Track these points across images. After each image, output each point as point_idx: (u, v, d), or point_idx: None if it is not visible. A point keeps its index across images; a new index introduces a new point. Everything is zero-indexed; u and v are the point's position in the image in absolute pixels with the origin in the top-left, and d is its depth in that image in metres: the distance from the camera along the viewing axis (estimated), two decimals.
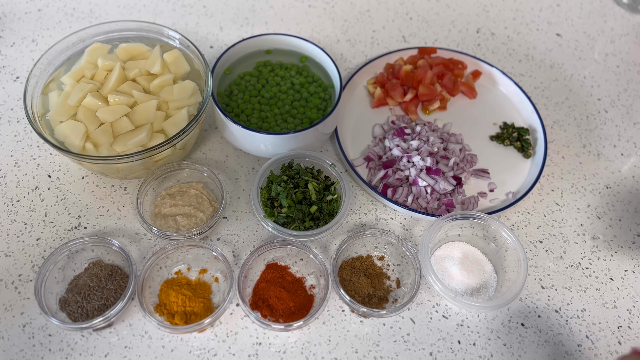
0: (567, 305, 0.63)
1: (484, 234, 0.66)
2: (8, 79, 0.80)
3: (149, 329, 0.59)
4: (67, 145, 0.62)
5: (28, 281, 0.61)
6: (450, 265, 0.64)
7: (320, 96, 0.73)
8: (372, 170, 0.72)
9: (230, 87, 0.74)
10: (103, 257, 0.63)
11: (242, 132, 0.66)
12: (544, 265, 0.66)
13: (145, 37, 0.72)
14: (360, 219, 0.69)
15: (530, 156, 0.75)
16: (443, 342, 0.60)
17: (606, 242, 0.69)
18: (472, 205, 0.70)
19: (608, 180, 0.75)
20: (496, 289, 0.63)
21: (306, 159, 0.69)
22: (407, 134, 0.73)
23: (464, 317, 0.62)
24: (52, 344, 0.58)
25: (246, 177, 0.71)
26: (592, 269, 0.66)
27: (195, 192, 0.67)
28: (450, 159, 0.70)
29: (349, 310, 0.61)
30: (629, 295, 0.65)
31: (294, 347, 0.59)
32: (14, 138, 0.73)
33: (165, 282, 0.61)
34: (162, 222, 0.64)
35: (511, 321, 0.62)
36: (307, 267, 0.64)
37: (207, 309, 0.59)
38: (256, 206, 0.63)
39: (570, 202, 0.72)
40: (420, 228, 0.68)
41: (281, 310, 0.59)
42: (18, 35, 0.85)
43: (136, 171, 0.66)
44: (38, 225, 0.66)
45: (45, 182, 0.69)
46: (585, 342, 0.61)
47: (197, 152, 0.73)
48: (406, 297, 0.61)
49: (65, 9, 0.90)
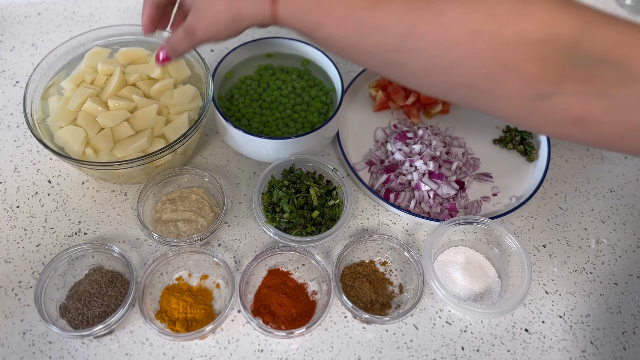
0: (572, 311, 0.63)
1: (487, 238, 0.66)
2: (8, 84, 0.79)
3: (150, 336, 0.59)
4: (67, 151, 0.62)
5: (28, 288, 0.61)
6: (453, 270, 0.63)
7: (321, 100, 0.73)
8: (374, 174, 0.71)
9: (231, 91, 0.73)
10: (103, 264, 0.63)
11: (243, 137, 0.66)
12: (547, 270, 0.66)
13: (145, 41, 0.72)
14: (363, 224, 0.68)
15: (534, 160, 0.75)
16: (446, 349, 0.59)
17: (610, 247, 0.68)
18: (475, 209, 0.69)
19: (612, 183, 0.74)
20: (500, 295, 0.62)
21: (308, 163, 0.68)
22: (409, 138, 0.72)
23: (468, 323, 0.61)
24: (52, 351, 0.57)
25: (247, 182, 0.71)
26: (597, 273, 0.66)
27: (196, 198, 0.66)
28: (452, 163, 0.70)
29: (351, 317, 0.61)
30: (634, 300, 0.64)
31: (296, 354, 0.58)
32: (13, 143, 0.73)
33: (166, 289, 0.61)
34: (163, 227, 0.64)
35: (515, 327, 0.61)
36: (309, 273, 0.63)
37: (209, 316, 0.59)
38: (257, 211, 0.63)
39: (574, 206, 0.72)
40: (423, 233, 0.68)
41: (283, 316, 0.59)
42: (18, 39, 0.85)
43: (136, 176, 0.66)
44: (38, 231, 0.65)
45: (45, 187, 0.69)
46: (590, 347, 0.60)
47: (198, 156, 0.73)
48: (409, 303, 0.61)
49: (65, 12, 0.89)
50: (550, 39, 0.37)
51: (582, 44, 0.37)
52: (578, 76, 0.38)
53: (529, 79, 0.39)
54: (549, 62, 0.38)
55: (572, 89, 0.38)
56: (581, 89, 0.38)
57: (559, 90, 0.39)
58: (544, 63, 0.38)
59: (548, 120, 0.41)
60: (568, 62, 0.38)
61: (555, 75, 0.38)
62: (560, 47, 0.38)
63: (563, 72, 0.38)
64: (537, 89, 0.39)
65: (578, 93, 0.38)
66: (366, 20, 0.42)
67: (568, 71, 0.38)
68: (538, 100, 0.40)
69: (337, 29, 0.43)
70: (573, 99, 0.39)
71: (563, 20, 0.37)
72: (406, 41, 0.41)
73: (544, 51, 0.38)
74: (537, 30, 0.37)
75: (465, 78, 0.41)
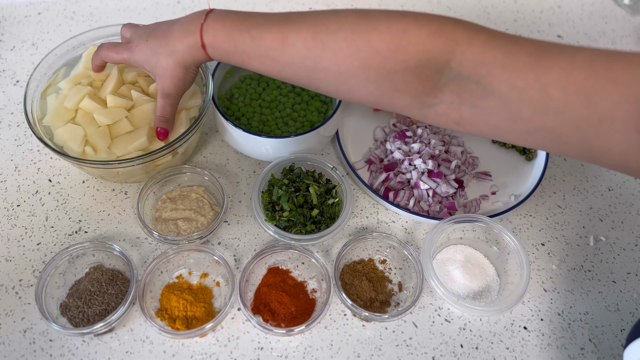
0: (570, 308, 0.63)
1: (486, 237, 0.66)
2: (8, 83, 0.79)
3: (150, 334, 0.59)
4: (66, 150, 0.62)
5: (29, 286, 0.61)
6: (452, 268, 0.64)
7: (321, 99, 0.73)
8: (373, 173, 0.72)
9: (231, 91, 0.74)
10: (104, 262, 0.63)
11: (243, 136, 0.66)
12: (546, 268, 0.66)
13: None
14: (362, 223, 0.68)
15: (532, 158, 0.75)
16: (446, 346, 0.60)
17: (608, 245, 0.69)
18: (474, 208, 0.69)
19: (610, 182, 0.75)
20: (499, 292, 0.62)
21: (307, 162, 0.68)
22: (408, 137, 0.73)
23: (467, 321, 0.61)
24: (53, 349, 0.57)
25: (247, 181, 0.71)
26: (595, 271, 0.66)
27: (196, 196, 0.66)
28: (451, 162, 0.70)
29: (350, 315, 0.61)
30: (632, 298, 0.64)
31: (295, 351, 0.58)
32: (14, 142, 0.73)
33: (167, 287, 0.61)
34: (163, 226, 0.64)
35: (514, 324, 0.61)
36: (309, 271, 0.64)
37: (209, 314, 0.59)
38: (257, 210, 0.63)
39: (572, 205, 0.72)
40: (422, 231, 0.68)
41: (283, 314, 0.59)
42: (18, 38, 0.85)
43: (136, 175, 0.66)
44: (39, 229, 0.65)
45: (46, 186, 0.69)
46: (588, 345, 0.61)
47: (198, 155, 0.73)
48: (408, 301, 0.61)
49: (65, 12, 0.89)
50: (425, 63, 0.46)
51: (451, 63, 0.45)
52: (452, 89, 0.47)
53: (415, 95, 0.48)
54: (428, 80, 0.47)
55: (449, 99, 0.48)
56: (454, 99, 0.47)
57: (440, 101, 0.48)
58: (424, 82, 0.47)
59: (436, 121, 0.50)
60: (443, 78, 0.46)
61: (435, 89, 0.47)
62: (434, 68, 0.46)
63: (440, 87, 0.47)
64: (422, 101, 0.49)
65: (452, 102, 0.48)
66: (279, 59, 0.50)
67: (443, 85, 0.47)
68: (425, 108, 0.49)
69: (259, 65, 0.52)
70: (450, 107, 0.48)
71: (434, 44, 0.45)
72: (313, 74, 0.50)
73: (423, 73, 0.46)
74: (414, 57, 0.45)
75: (366, 97, 0.51)
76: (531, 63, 0.42)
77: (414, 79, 0.47)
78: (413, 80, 0.47)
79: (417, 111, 0.50)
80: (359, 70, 0.47)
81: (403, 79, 0.47)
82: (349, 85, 0.49)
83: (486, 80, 0.44)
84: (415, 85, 0.47)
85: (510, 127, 0.46)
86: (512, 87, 0.43)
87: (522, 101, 0.43)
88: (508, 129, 0.46)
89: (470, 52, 0.44)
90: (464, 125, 0.49)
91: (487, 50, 0.44)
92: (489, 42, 0.44)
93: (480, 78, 0.44)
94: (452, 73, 0.46)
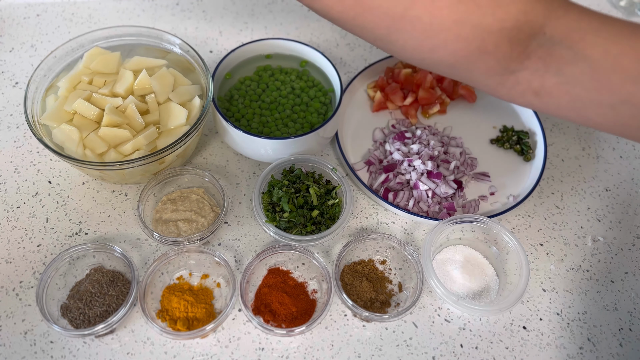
0: (569, 308, 0.64)
1: (485, 237, 0.67)
2: (7, 85, 0.79)
3: (151, 335, 0.59)
4: (65, 151, 0.62)
5: (29, 288, 0.61)
6: (452, 268, 0.64)
7: (320, 100, 0.73)
8: (373, 174, 0.72)
9: (231, 92, 0.74)
10: (104, 263, 0.63)
11: (243, 137, 0.66)
12: (545, 268, 0.66)
13: (143, 43, 0.72)
14: (362, 223, 0.69)
15: (530, 159, 0.75)
16: (445, 346, 0.60)
17: (606, 245, 0.69)
18: (473, 208, 0.70)
19: (607, 182, 0.75)
20: (498, 292, 0.63)
21: (307, 163, 0.69)
22: (407, 138, 0.73)
23: (466, 321, 0.62)
24: (54, 350, 0.57)
25: (247, 182, 0.71)
26: (593, 271, 0.67)
27: (196, 197, 0.67)
28: (450, 163, 0.71)
29: (351, 315, 0.61)
30: (630, 298, 0.65)
31: (296, 352, 0.59)
32: (13, 144, 0.73)
33: (167, 288, 0.61)
34: (164, 227, 0.64)
35: (513, 324, 0.62)
36: (309, 272, 0.64)
37: (210, 315, 0.59)
38: (258, 211, 0.63)
39: (570, 205, 0.73)
40: (421, 232, 0.69)
41: (283, 315, 0.59)
42: (17, 40, 0.85)
43: (137, 177, 0.66)
44: (39, 231, 0.65)
45: (46, 188, 0.69)
46: (587, 344, 0.61)
47: (198, 157, 0.73)
48: (408, 301, 0.61)
49: (64, 14, 0.89)
50: (522, 25, 0.43)
51: (545, 28, 0.43)
52: (539, 55, 0.45)
53: (501, 58, 0.45)
54: (519, 44, 0.44)
55: (534, 65, 0.45)
56: (540, 66, 0.45)
57: (524, 67, 0.46)
58: (515, 45, 0.44)
59: (512, 90, 0.48)
60: (533, 43, 0.44)
61: (523, 54, 0.45)
62: (529, 31, 0.43)
63: (528, 53, 0.45)
64: (506, 66, 0.46)
65: (537, 70, 0.45)
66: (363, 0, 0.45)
67: (532, 51, 0.45)
68: (506, 74, 0.47)
69: (335, 3, 0.46)
70: (534, 75, 0.46)
71: (534, 7, 0.43)
72: (399, 23, 0.45)
73: (517, 35, 0.44)
74: (513, 17, 0.43)
75: (447, 58, 0.46)
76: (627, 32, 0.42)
77: (505, 42, 0.44)
78: (504, 42, 0.44)
79: (496, 78, 0.47)
80: (453, 24, 0.43)
81: (495, 40, 0.44)
82: (435, 41, 0.45)
83: (579, 46, 0.43)
84: (504, 48, 0.44)
85: (594, 98, 0.44)
86: (605, 53, 0.42)
87: (613, 68, 0.42)
88: (590, 101, 0.44)
89: (566, 18, 0.43)
90: (542, 96, 0.47)
91: (583, 18, 0.43)
92: (585, 11, 0.44)
93: (572, 43, 0.43)
94: (544, 38, 0.44)
